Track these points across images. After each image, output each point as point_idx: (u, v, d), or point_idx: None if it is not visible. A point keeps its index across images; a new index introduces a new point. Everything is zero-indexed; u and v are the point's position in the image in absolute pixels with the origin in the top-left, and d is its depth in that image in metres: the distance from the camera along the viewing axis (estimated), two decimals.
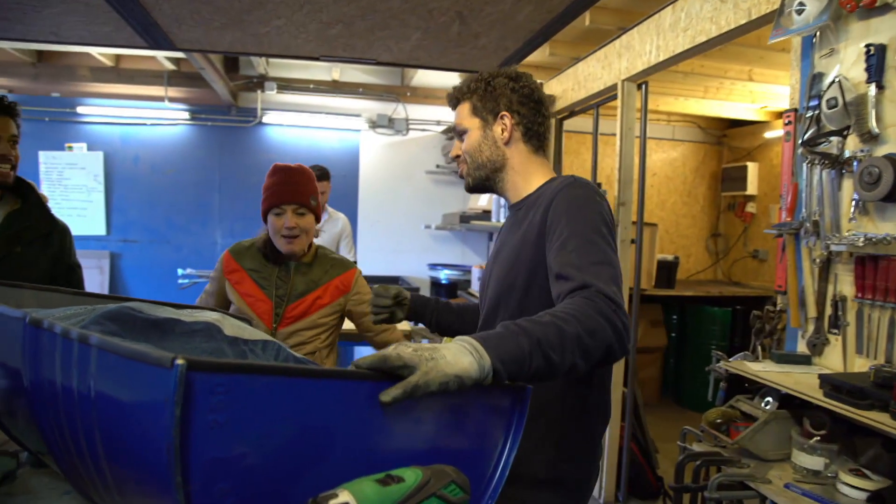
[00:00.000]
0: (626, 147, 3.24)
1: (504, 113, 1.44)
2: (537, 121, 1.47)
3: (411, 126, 5.89)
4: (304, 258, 2.10)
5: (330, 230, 4.43)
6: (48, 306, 1.27)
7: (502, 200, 3.57)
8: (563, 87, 4.02)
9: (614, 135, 3.32)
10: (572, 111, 4.06)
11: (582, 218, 1.25)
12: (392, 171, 5.92)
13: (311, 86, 5.70)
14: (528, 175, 1.47)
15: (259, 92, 5.63)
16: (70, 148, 5.40)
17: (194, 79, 5.13)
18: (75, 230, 6.25)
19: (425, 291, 5.74)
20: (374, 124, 5.83)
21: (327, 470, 0.70)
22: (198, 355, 1.02)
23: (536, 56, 4.02)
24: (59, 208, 5.37)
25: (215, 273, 2.12)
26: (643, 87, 3.19)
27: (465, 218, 4.64)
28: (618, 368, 3.25)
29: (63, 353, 0.71)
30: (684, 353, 5.31)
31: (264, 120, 5.72)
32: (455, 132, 1.54)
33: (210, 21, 1.98)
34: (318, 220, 2.10)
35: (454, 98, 1.53)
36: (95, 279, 5.36)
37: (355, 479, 0.63)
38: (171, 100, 5.48)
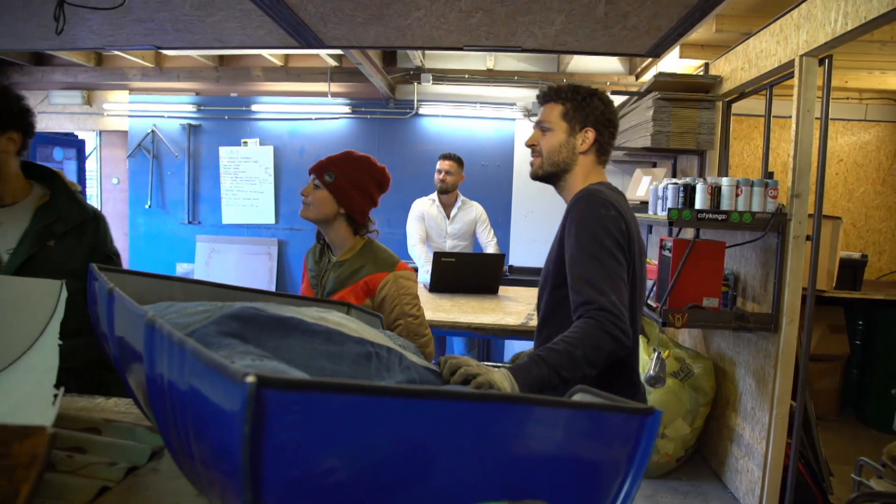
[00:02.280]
0: (803, 132, 2.87)
1: (590, 128, 1.71)
2: (610, 142, 1.76)
3: None
4: (344, 254, 2.07)
5: (463, 218, 4.51)
6: (193, 298, 1.36)
7: (659, 190, 3.35)
8: (732, 67, 3.67)
9: (791, 117, 2.96)
10: (742, 93, 3.69)
11: (586, 232, 1.55)
12: None
13: (466, 76, 5.73)
14: (583, 182, 1.73)
15: (415, 84, 5.75)
16: (245, 143, 5.89)
17: (354, 74, 5.36)
18: (248, 219, 6.80)
19: None
20: (528, 112, 5.74)
21: (413, 496, 0.66)
22: (315, 357, 1.03)
23: (701, 33, 3.70)
24: (235, 199, 5.89)
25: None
26: (826, 62, 2.81)
27: None
28: (785, 378, 2.92)
29: (169, 352, 0.72)
30: (871, 363, 4.67)
31: (420, 111, 5.85)
32: (538, 125, 1.77)
33: (353, 17, 2.02)
34: (343, 205, 2.03)
35: (549, 96, 1.77)
36: (265, 265, 5.82)
37: None
38: (334, 95, 5.77)
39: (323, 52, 5.08)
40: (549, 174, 1.75)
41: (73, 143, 6.29)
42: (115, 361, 1.08)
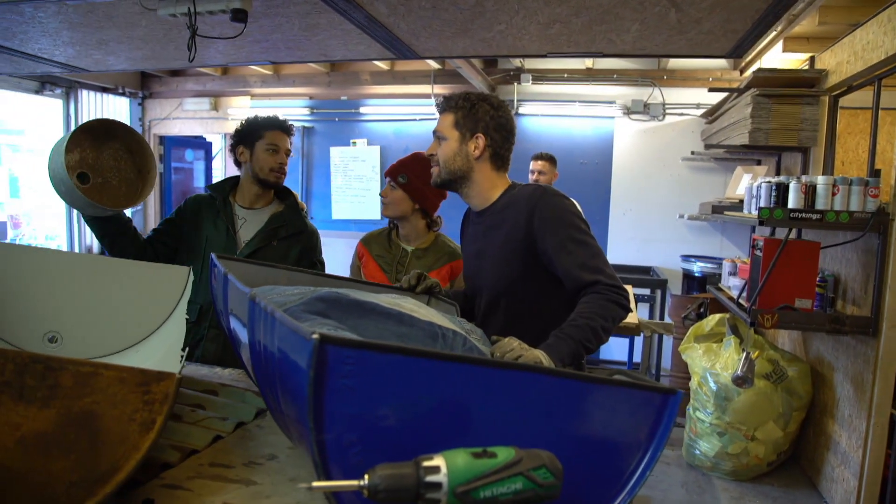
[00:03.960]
0: None
1: (480, 134, 1.75)
2: (505, 146, 1.81)
3: (668, 111, 5.65)
4: (422, 244, 2.36)
5: None
6: (296, 283, 1.58)
7: (753, 189, 3.28)
8: (838, 60, 3.52)
9: None
10: (849, 86, 3.53)
11: (565, 224, 1.67)
12: (646, 157, 5.76)
13: (566, 75, 5.79)
14: (491, 187, 1.81)
15: (515, 84, 5.88)
16: (354, 143, 6.27)
17: (456, 76, 5.55)
18: (355, 214, 7.19)
19: (676, 283, 5.50)
20: (628, 110, 5.72)
21: (442, 438, 0.82)
22: (386, 336, 1.21)
23: (804, 26, 3.59)
24: (344, 196, 6.27)
25: (352, 261, 2.48)
26: None
27: (717, 209, 4.32)
28: (884, 385, 2.80)
29: (264, 321, 0.93)
30: None
31: (520, 111, 5.96)
32: (435, 134, 1.82)
33: (442, 32, 2.20)
34: (417, 202, 2.30)
35: (443, 106, 1.82)
36: None
37: (454, 449, 0.74)
38: (437, 96, 6.00)
39: None
40: (447, 182, 1.81)
41: (202, 145, 6.95)
42: (229, 332, 1.32)
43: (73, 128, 5.98)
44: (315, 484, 0.68)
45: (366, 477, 0.68)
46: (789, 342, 4.10)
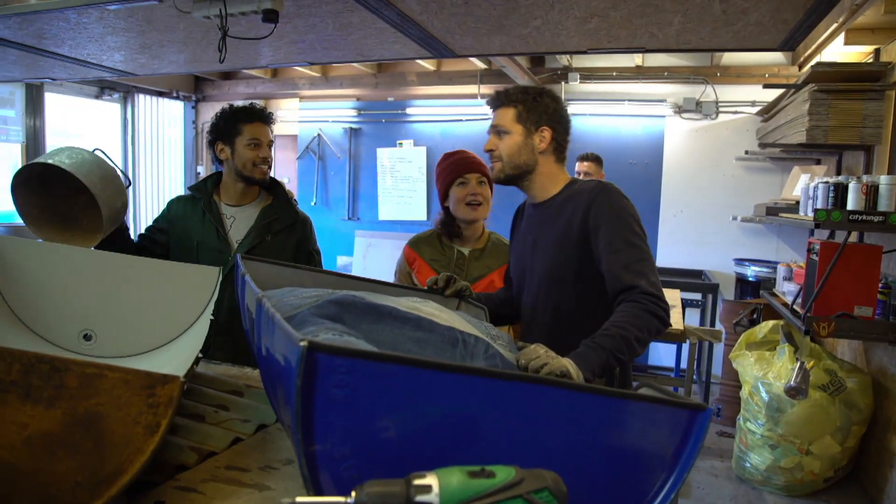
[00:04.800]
0: None
1: (545, 127, 1.74)
2: (566, 139, 1.81)
3: (721, 108, 5.46)
4: (477, 244, 2.24)
5: None
6: (320, 284, 1.57)
7: (810, 189, 3.12)
8: None
9: None
10: None
11: (620, 223, 1.63)
12: (698, 157, 5.57)
13: (614, 73, 5.66)
14: (553, 180, 1.79)
15: (563, 83, 5.78)
16: (400, 144, 6.27)
17: (502, 76, 5.49)
18: (402, 215, 7.17)
19: (729, 288, 5.30)
20: (679, 109, 5.55)
21: (443, 454, 0.77)
22: (402, 342, 1.17)
23: (868, 16, 3.39)
24: (390, 197, 6.29)
25: (399, 266, 2.33)
26: None
27: (772, 210, 4.14)
28: None
29: (266, 325, 0.90)
30: None
31: (568, 110, 5.84)
32: (494, 129, 1.77)
33: (477, 29, 2.15)
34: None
35: (499, 101, 1.77)
36: None
37: (450, 467, 0.69)
38: (483, 97, 5.95)
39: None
40: (511, 177, 1.77)
41: None
42: (247, 333, 1.30)
43: (128, 131, 6.20)
44: (299, 499, 0.65)
45: (353, 494, 0.65)
46: (849, 352, 3.89)
